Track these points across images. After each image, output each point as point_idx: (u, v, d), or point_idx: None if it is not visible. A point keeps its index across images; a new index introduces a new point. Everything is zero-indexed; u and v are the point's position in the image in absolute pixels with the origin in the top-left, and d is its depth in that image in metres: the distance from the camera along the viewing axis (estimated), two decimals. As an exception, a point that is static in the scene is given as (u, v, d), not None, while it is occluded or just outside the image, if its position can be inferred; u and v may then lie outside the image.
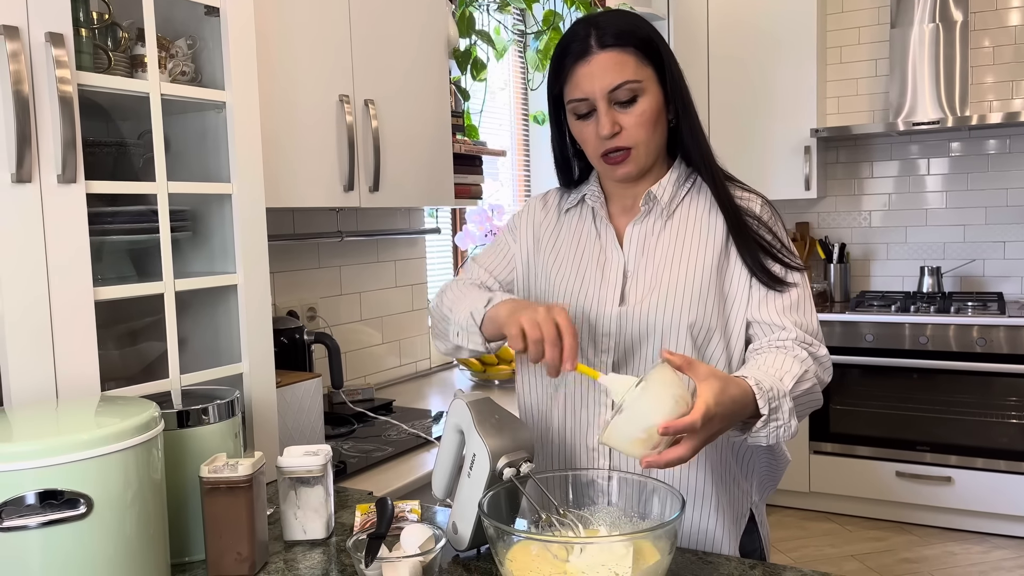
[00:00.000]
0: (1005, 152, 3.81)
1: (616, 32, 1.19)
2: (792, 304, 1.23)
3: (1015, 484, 3.33)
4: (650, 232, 1.29)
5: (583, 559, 0.94)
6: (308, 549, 1.19)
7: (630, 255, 1.29)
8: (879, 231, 4.09)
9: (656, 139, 1.25)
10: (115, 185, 1.27)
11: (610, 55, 1.19)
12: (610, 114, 1.20)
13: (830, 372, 1.25)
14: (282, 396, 1.66)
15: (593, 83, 1.19)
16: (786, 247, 1.29)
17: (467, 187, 2.56)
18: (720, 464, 1.28)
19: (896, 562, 3.22)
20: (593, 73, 1.19)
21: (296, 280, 2.31)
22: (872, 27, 4.00)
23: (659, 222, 1.29)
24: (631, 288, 1.26)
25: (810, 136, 3.79)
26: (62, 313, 1.17)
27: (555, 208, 1.40)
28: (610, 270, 1.29)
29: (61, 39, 1.15)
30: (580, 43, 1.20)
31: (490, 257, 1.43)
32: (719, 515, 1.28)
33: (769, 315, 1.23)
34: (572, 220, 1.37)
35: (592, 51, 1.19)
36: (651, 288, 1.25)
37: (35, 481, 0.88)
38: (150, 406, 1.02)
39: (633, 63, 1.19)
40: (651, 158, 1.26)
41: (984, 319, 3.34)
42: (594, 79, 1.19)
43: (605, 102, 1.20)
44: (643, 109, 1.21)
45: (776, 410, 1.07)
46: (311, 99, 1.85)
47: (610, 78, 1.19)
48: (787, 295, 1.24)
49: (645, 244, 1.28)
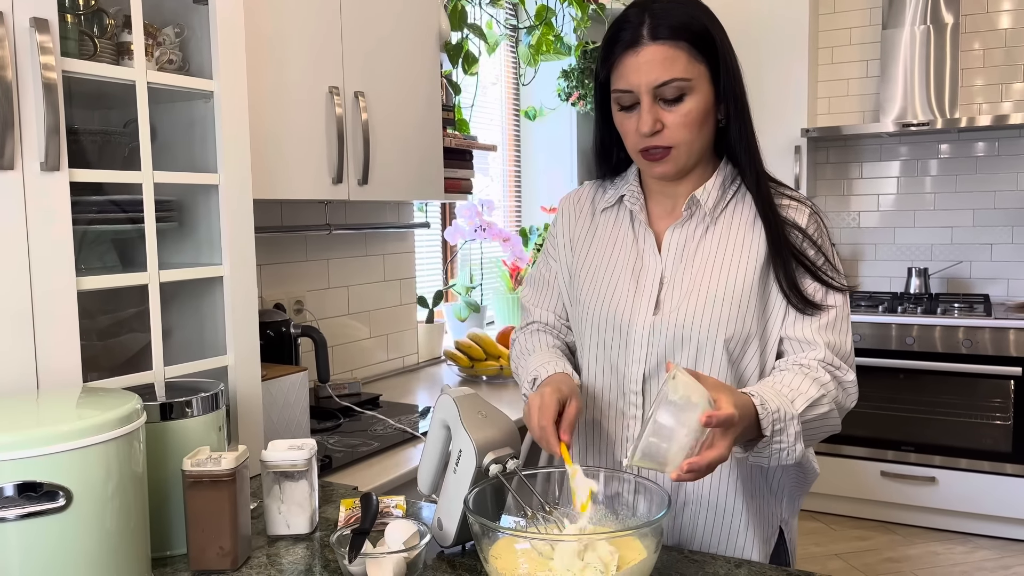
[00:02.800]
0: (993, 155, 3.83)
1: (671, 23, 1.12)
2: (828, 324, 1.18)
3: (998, 485, 3.36)
4: (690, 238, 1.22)
5: (568, 556, 0.94)
6: (291, 544, 1.18)
7: (668, 261, 1.23)
8: (868, 232, 4.11)
9: (701, 140, 1.18)
10: (99, 173, 1.26)
11: (661, 48, 1.12)
12: (653, 110, 1.14)
13: (854, 399, 1.20)
14: (267, 389, 1.65)
15: (639, 76, 1.13)
16: (830, 263, 1.21)
17: (457, 182, 2.55)
18: (750, 481, 1.24)
19: (880, 561, 3.24)
20: (640, 66, 1.12)
21: (283, 273, 2.29)
22: (864, 28, 4.01)
23: (700, 227, 1.22)
24: (667, 295, 1.21)
25: (800, 136, 3.80)
26: (44, 302, 1.15)
27: (589, 207, 1.34)
28: (646, 277, 1.23)
29: (46, 24, 1.13)
30: (631, 31, 1.13)
31: (542, 294, 1.40)
32: (748, 531, 1.24)
33: (803, 332, 1.18)
34: (608, 221, 1.31)
35: (642, 41, 1.12)
36: (688, 296, 1.19)
37: (13, 473, 0.86)
38: (132, 398, 1.01)
39: (685, 59, 1.12)
40: (693, 159, 1.20)
41: (970, 320, 3.36)
42: (640, 72, 1.12)
43: (649, 97, 1.13)
44: (689, 109, 1.14)
45: (780, 432, 1.06)
46: (300, 90, 1.84)
47: (657, 73, 1.12)
48: (825, 314, 1.18)
49: (684, 250, 1.22)
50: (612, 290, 1.25)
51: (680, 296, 1.20)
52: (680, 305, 1.19)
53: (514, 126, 3.88)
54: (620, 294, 1.24)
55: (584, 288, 1.28)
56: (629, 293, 1.23)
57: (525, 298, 1.43)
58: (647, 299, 1.22)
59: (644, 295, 1.22)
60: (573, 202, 1.38)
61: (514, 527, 1.07)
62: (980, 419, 3.38)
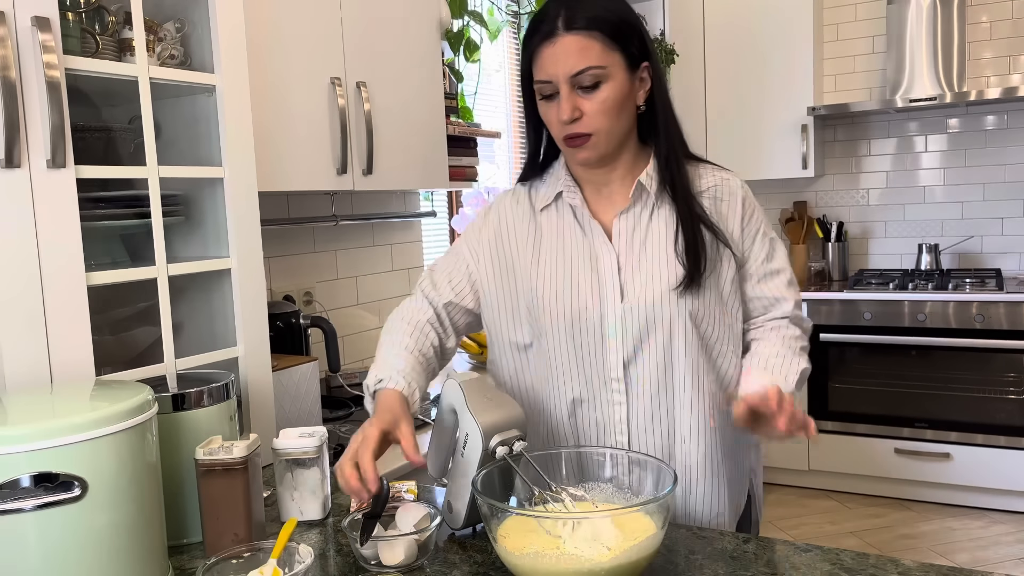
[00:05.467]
0: (1003, 128, 3.80)
1: (585, 15, 1.16)
2: (789, 280, 1.33)
3: (1014, 459, 3.34)
4: (638, 222, 1.26)
5: (577, 535, 0.95)
6: (305, 530, 1.19)
7: (621, 248, 1.25)
8: (877, 209, 4.08)
9: (620, 126, 1.21)
10: (105, 170, 1.27)
11: (575, 38, 1.16)
12: (571, 99, 1.17)
13: (811, 325, 1.38)
14: (279, 380, 1.67)
15: (556, 66, 1.17)
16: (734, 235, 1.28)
17: (462, 169, 2.55)
18: (728, 440, 1.29)
19: (895, 538, 3.24)
20: (557, 55, 1.16)
21: (292, 264, 2.31)
22: (869, 3, 3.97)
23: (647, 211, 1.26)
24: (628, 282, 1.24)
25: (807, 114, 3.77)
26: (55, 298, 1.17)
27: (528, 208, 1.33)
28: (603, 267, 1.25)
29: (47, 23, 1.14)
30: (548, 23, 1.17)
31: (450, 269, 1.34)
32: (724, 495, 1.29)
33: (772, 291, 1.31)
34: (551, 219, 1.30)
35: (558, 32, 1.16)
36: (650, 280, 1.23)
37: (29, 464, 0.88)
38: (144, 389, 1.03)
39: (599, 48, 1.16)
40: (612, 145, 1.23)
41: (982, 295, 3.34)
42: (557, 62, 1.16)
43: (567, 86, 1.17)
44: (605, 96, 1.17)
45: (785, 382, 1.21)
46: (302, 82, 1.85)
47: (572, 62, 1.16)
48: (784, 272, 1.32)
49: (634, 235, 1.26)
50: (576, 287, 1.25)
51: (642, 281, 1.23)
52: (645, 290, 1.23)
53: (518, 112, 3.87)
54: (584, 289, 1.24)
55: (545, 291, 1.26)
56: (593, 286, 1.24)
57: (436, 267, 1.37)
58: (611, 288, 1.24)
59: (607, 285, 1.24)
60: (512, 204, 1.34)
61: (522, 507, 1.08)
62: (995, 394, 3.37)
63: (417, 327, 1.28)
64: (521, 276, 1.29)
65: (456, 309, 1.33)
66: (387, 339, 1.28)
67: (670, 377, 1.24)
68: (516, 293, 1.30)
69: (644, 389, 1.24)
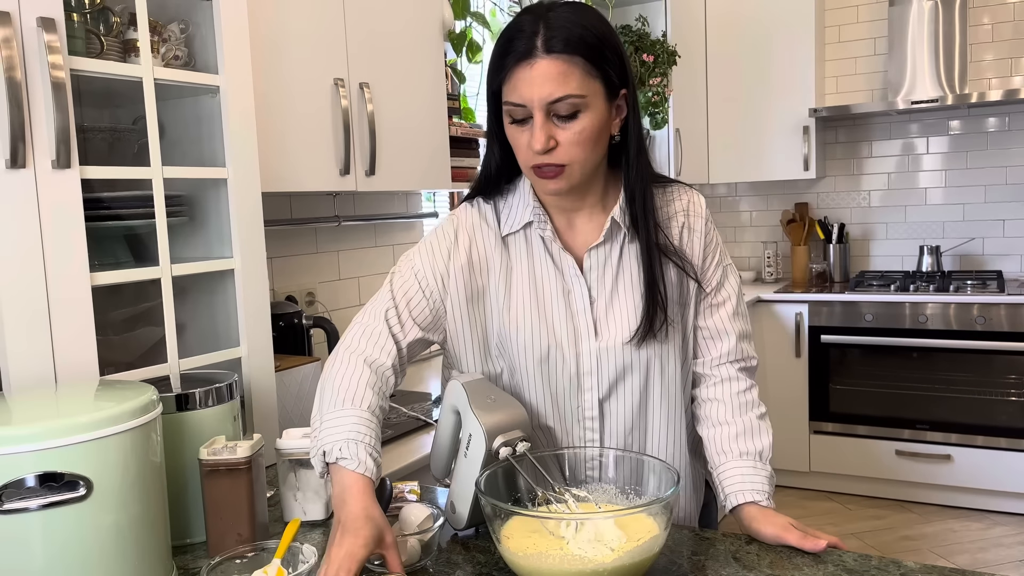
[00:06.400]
0: (1004, 130, 3.80)
1: (566, 37, 1.06)
2: (734, 311, 1.27)
3: (1015, 461, 3.34)
4: (609, 257, 1.20)
5: (580, 535, 0.95)
6: (308, 530, 1.20)
7: (593, 282, 1.20)
8: (878, 211, 4.09)
9: (595, 157, 1.13)
10: (110, 170, 1.27)
11: (554, 63, 1.06)
12: (546, 127, 1.08)
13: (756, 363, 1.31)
14: (281, 380, 1.67)
15: (532, 91, 1.07)
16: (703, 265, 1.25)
17: (464, 170, 2.55)
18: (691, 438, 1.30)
19: (896, 540, 3.24)
20: (534, 80, 1.06)
21: (294, 265, 2.31)
22: (871, 5, 3.98)
23: (617, 246, 1.20)
24: (601, 319, 1.19)
25: (809, 116, 3.77)
26: (59, 298, 1.17)
27: (495, 231, 1.23)
28: (575, 301, 1.19)
29: (52, 24, 1.14)
30: (525, 42, 1.07)
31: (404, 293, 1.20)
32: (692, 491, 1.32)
33: (714, 322, 1.26)
34: (518, 246, 1.22)
35: (536, 54, 1.06)
36: (624, 319, 1.18)
37: (35, 464, 0.88)
38: (148, 389, 1.03)
39: (579, 75, 1.07)
40: (586, 176, 1.15)
41: (983, 297, 3.34)
42: (534, 87, 1.06)
43: (542, 113, 1.07)
44: (583, 127, 1.09)
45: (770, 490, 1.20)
46: (305, 83, 1.85)
47: (550, 89, 1.06)
48: (729, 302, 1.26)
49: (605, 269, 1.20)
50: (550, 323, 1.19)
51: (616, 320, 1.19)
52: (620, 330, 1.18)
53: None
54: (559, 325, 1.18)
55: (519, 326, 1.19)
56: (567, 322, 1.19)
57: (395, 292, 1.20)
58: (584, 324, 1.19)
59: (580, 321, 1.19)
60: (481, 226, 1.23)
61: (525, 508, 1.08)
62: (996, 396, 3.37)
63: (381, 376, 1.13)
64: (492, 308, 1.21)
65: (417, 345, 1.21)
66: (346, 380, 1.11)
67: (645, 414, 1.22)
68: (486, 326, 1.22)
69: (618, 427, 1.21)
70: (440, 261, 1.21)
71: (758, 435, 1.23)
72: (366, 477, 1.02)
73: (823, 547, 1.06)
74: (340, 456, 1.03)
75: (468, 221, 1.24)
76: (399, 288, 1.20)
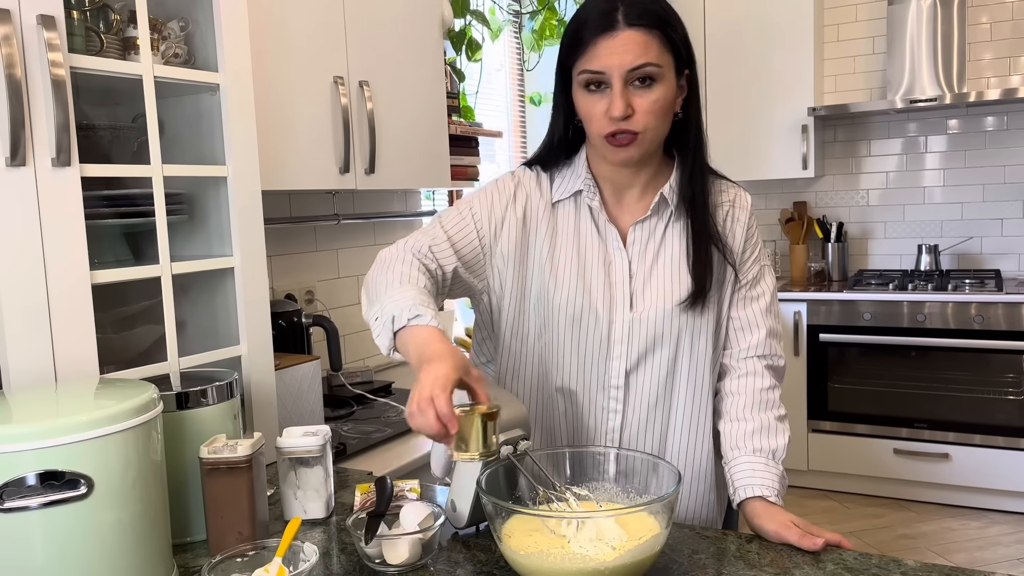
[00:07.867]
0: (1003, 129, 3.80)
1: (643, 11, 1.14)
2: (767, 308, 1.29)
3: (1012, 460, 3.35)
4: (653, 233, 1.25)
5: (581, 534, 0.95)
6: (309, 528, 1.20)
7: (634, 255, 1.24)
8: (877, 209, 4.09)
9: (663, 129, 1.19)
10: (110, 168, 1.27)
11: (637, 33, 1.13)
12: (625, 95, 1.14)
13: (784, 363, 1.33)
14: (281, 379, 1.67)
15: (613, 59, 1.13)
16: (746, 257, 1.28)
17: (463, 169, 2.55)
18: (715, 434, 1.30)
19: (894, 538, 3.25)
20: (616, 48, 1.13)
21: (294, 263, 2.31)
22: (869, 4, 3.98)
23: (662, 223, 1.25)
24: (638, 292, 1.23)
25: (808, 115, 3.77)
26: (59, 296, 1.17)
27: (547, 196, 1.28)
28: (615, 272, 1.24)
29: (52, 21, 1.14)
30: (604, 16, 1.14)
31: (454, 225, 1.24)
32: (713, 506, 1.31)
33: (747, 315, 1.28)
34: (566, 214, 1.27)
35: (618, 26, 1.13)
36: (660, 293, 1.22)
37: (35, 462, 0.88)
38: (149, 388, 1.03)
39: (657, 46, 1.14)
40: (655, 146, 1.21)
41: (982, 296, 3.35)
42: (615, 55, 1.13)
43: (621, 81, 1.13)
44: (658, 96, 1.15)
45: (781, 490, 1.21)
46: (305, 81, 1.85)
47: (633, 55, 1.12)
48: (763, 297, 1.29)
49: (648, 245, 1.25)
50: (588, 288, 1.23)
51: (652, 293, 1.23)
52: (655, 302, 1.22)
53: (519, 112, 3.87)
54: (596, 292, 1.23)
55: (558, 287, 1.23)
56: (604, 290, 1.23)
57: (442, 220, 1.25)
58: (621, 295, 1.23)
59: (618, 291, 1.23)
60: (536, 190, 1.28)
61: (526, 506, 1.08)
62: (993, 394, 3.38)
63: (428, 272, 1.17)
64: (534, 263, 1.26)
65: (453, 278, 1.23)
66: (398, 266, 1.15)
67: (670, 391, 1.24)
68: (526, 280, 1.26)
69: (642, 400, 1.24)
70: (498, 209, 1.26)
71: (774, 435, 1.24)
72: (438, 329, 1.04)
73: (820, 546, 1.06)
74: (412, 317, 1.05)
75: (527, 181, 1.29)
76: (450, 222, 1.25)
